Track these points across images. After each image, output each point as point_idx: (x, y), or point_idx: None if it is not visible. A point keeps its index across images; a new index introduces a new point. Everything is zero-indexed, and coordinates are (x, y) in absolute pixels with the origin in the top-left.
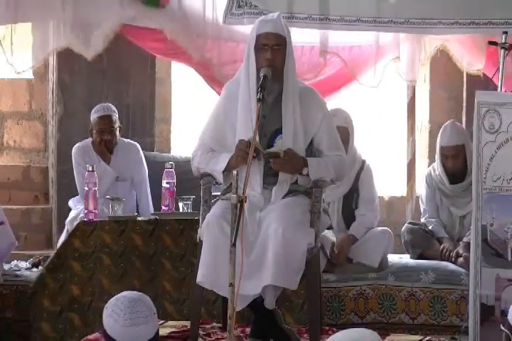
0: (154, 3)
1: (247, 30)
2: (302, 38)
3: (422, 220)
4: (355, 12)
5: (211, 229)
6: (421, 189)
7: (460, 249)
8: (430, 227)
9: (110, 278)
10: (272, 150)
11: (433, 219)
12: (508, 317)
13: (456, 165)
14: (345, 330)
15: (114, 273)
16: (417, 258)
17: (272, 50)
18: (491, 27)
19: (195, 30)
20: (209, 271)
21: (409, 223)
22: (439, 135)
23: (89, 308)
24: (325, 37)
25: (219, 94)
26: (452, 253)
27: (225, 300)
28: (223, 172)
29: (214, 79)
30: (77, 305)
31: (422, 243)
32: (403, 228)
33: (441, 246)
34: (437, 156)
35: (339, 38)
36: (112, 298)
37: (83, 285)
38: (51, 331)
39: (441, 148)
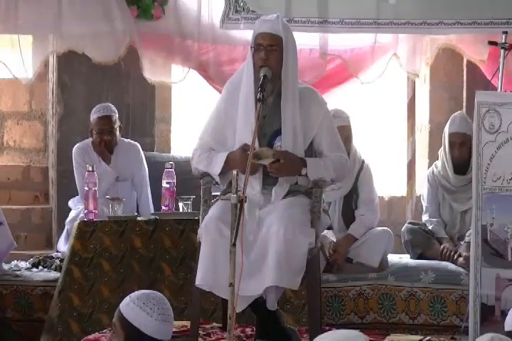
0: (148, 16)
1: (243, 32)
2: (301, 40)
3: (424, 218)
4: (354, 14)
5: (210, 232)
6: (423, 188)
7: (461, 249)
8: (430, 227)
9: (110, 285)
10: (263, 163)
11: (434, 219)
12: (506, 323)
13: (462, 153)
14: (330, 331)
15: (114, 280)
16: (417, 259)
17: (266, 51)
18: (492, 27)
19: (191, 33)
20: (208, 274)
21: (409, 223)
22: (448, 124)
23: (89, 320)
24: (324, 39)
25: (219, 91)
26: (452, 252)
27: (224, 300)
28: (219, 174)
29: (213, 80)
30: (77, 314)
31: (422, 243)
32: (403, 228)
33: (442, 246)
34: (444, 145)
35: (339, 40)
36: (138, 293)
37: (83, 295)
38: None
39: (450, 135)
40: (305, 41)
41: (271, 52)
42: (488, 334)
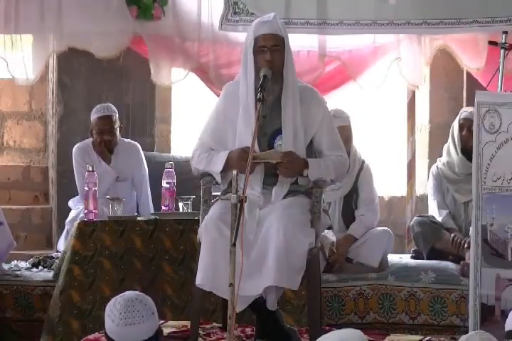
0: (148, 16)
1: (244, 33)
2: (299, 42)
3: (432, 209)
4: (353, 15)
5: (209, 232)
6: (427, 185)
7: None
8: (439, 219)
9: (111, 284)
10: (271, 161)
11: (443, 211)
12: (506, 324)
13: (470, 137)
14: (334, 331)
15: (115, 278)
16: (429, 252)
17: (271, 52)
18: (493, 25)
19: (191, 35)
20: (208, 274)
21: (418, 216)
22: (459, 114)
23: (89, 316)
24: (323, 41)
25: (218, 95)
26: (463, 241)
27: (224, 300)
28: (220, 172)
29: (212, 82)
30: (77, 312)
31: (431, 234)
32: (412, 222)
33: (452, 235)
34: (452, 132)
35: (338, 41)
36: (112, 299)
37: (83, 292)
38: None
39: (461, 120)
40: (303, 43)
41: (275, 53)
42: (476, 333)
